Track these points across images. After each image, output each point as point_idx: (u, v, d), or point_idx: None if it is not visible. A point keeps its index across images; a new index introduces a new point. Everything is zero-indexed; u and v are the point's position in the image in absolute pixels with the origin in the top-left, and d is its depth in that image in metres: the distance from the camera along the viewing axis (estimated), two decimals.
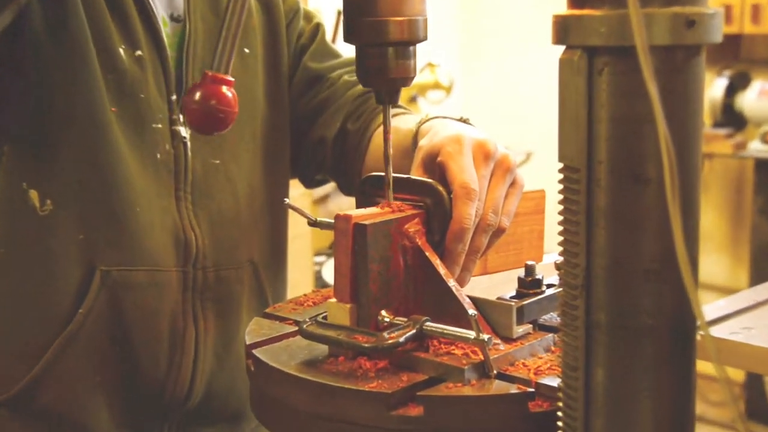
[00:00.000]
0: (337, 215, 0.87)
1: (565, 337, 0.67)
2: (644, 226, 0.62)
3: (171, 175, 1.16)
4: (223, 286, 1.21)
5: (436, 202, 0.91)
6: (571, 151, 0.64)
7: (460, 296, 0.86)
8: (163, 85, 1.16)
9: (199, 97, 0.85)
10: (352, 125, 1.30)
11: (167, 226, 1.16)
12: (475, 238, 0.93)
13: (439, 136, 0.97)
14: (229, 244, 1.21)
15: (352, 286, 0.86)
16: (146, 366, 1.16)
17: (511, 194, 0.96)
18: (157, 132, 1.15)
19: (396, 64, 0.88)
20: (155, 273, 1.15)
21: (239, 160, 1.23)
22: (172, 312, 1.17)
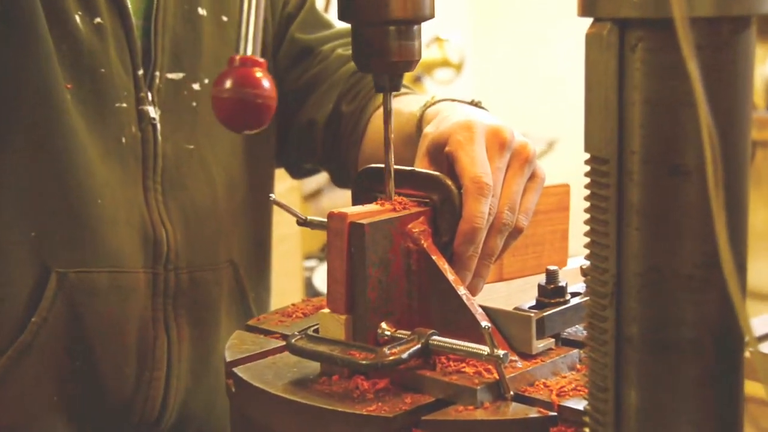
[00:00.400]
0: (331, 213, 0.86)
1: (593, 353, 0.67)
2: (684, 225, 0.62)
3: (138, 162, 1.16)
4: (198, 290, 1.21)
5: (444, 198, 0.90)
6: (599, 139, 0.64)
7: (471, 306, 0.85)
8: (127, 58, 1.15)
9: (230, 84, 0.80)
10: (347, 106, 1.29)
11: (133, 221, 1.16)
12: (489, 239, 0.93)
13: (447, 122, 0.97)
14: (206, 241, 1.22)
15: (348, 294, 0.85)
16: (111, 383, 1.15)
17: (530, 189, 0.96)
18: (121, 112, 1.15)
19: (398, 46, 0.87)
20: (120, 275, 1.14)
21: (216, 145, 1.23)
22: (140, 320, 1.17)
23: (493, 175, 0.91)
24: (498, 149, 0.93)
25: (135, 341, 1.16)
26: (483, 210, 0.89)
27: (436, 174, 0.91)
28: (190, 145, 1.20)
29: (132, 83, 1.15)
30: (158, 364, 1.17)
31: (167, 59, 1.18)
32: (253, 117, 0.81)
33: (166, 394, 1.18)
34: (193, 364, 1.21)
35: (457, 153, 0.92)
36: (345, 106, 1.29)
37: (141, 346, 1.16)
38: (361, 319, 0.85)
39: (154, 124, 1.16)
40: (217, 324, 1.24)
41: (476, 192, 0.89)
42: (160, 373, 1.18)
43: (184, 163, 1.19)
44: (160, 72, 1.18)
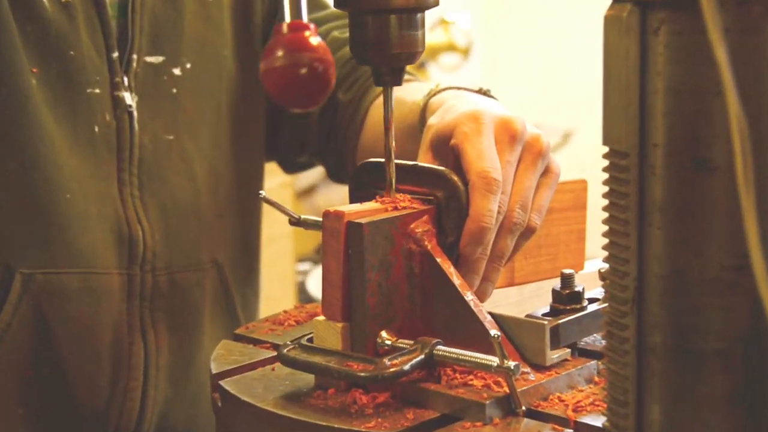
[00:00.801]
0: (326, 212, 0.87)
1: (612, 364, 0.68)
2: (710, 224, 0.62)
3: (112, 154, 1.16)
4: (179, 293, 1.22)
5: (450, 195, 0.91)
6: (618, 131, 0.65)
7: (479, 313, 0.86)
8: (100, 39, 1.16)
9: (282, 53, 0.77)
10: (344, 94, 1.30)
11: (107, 218, 1.16)
12: (499, 240, 0.93)
13: (452, 113, 0.97)
14: (187, 240, 1.22)
15: (345, 300, 0.86)
16: (82, 394, 1.16)
17: (544, 185, 0.97)
18: (93, 99, 1.15)
19: (400, 36, 0.87)
20: (91, 276, 1.15)
21: (199, 136, 1.24)
22: (114, 325, 1.17)
23: (502, 170, 0.92)
24: (508, 142, 0.94)
25: (108, 348, 1.16)
26: (492, 208, 0.90)
27: (441, 169, 0.92)
28: (170, 136, 1.21)
29: (106, 67, 1.15)
30: (134, 372, 1.18)
31: (145, 41, 1.19)
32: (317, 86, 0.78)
33: (143, 406, 1.19)
34: (172, 373, 1.22)
35: (464, 146, 0.92)
36: (342, 94, 1.30)
37: (115, 354, 1.17)
38: (359, 327, 0.86)
39: (131, 112, 1.17)
40: (200, 330, 1.25)
41: (484, 188, 0.90)
42: (137, 382, 1.18)
43: (163, 155, 1.20)
44: (137, 55, 1.18)
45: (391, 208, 0.89)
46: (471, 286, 0.91)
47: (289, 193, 3.20)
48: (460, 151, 0.93)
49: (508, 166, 0.94)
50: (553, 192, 0.98)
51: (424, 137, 0.99)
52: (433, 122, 0.99)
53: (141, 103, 1.18)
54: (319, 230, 0.90)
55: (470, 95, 1.06)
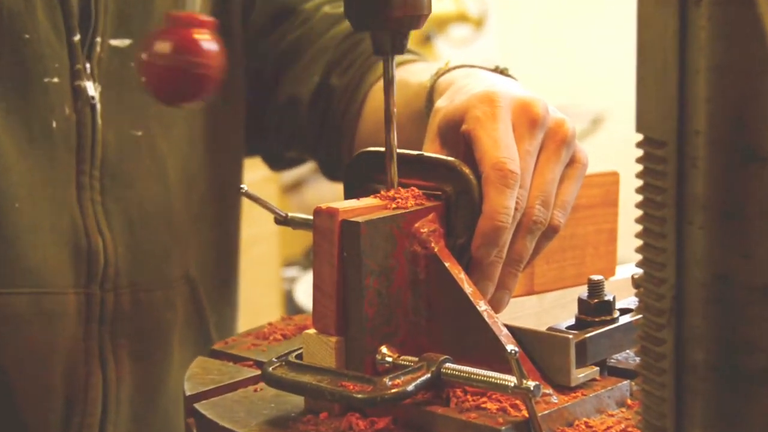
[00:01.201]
0: (318, 209, 0.87)
1: (647, 385, 0.68)
2: (760, 223, 0.62)
3: (71, 153, 1.16)
4: (144, 315, 1.21)
5: (460, 189, 0.91)
6: (654, 117, 0.65)
7: (494, 326, 0.86)
8: (60, 20, 1.15)
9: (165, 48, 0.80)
10: (338, 79, 1.30)
11: (61, 229, 1.16)
12: (516, 241, 0.93)
13: (463, 94, 0.97)
14: (155, 253, 1.22)
15: (339, 310, 0.86)
16: (32, 430, 1.16)
17: (569, 178, 0.97)
18: (51, 89, 1.14)
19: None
20: (43, 297, 1.14)
21: (172, 131, 1.24)
22: (69, 353, 1.17)
23: (521, 161, 0.92)
24: (528, 127, 0.94)
25: (62, 379, 1.16)
26: (508, 204, 0.90)
27: (450, 160, 0.92)
28: (138, 132, 1.20)
29: (66, 52, 1.15)
30: (91, 408, 1.17)
31: (110, 21, 1.18)
32: (192, 90, 0.82)
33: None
34: (135, 408, 1.21)
35: (476, 132, 0.92)
36: (336, 78, 1.30)
37: (70, 386, 1.17)
38: (355, 341, 0.86)
39: (93, 104, 1.16)
40: (168, 357, 1.25)
41: (500, 181, 0.90)
42: (93, 419, 1.18)
43: (130, 154, 1.20)
44: (101, 38, 1.17)
45: (393, 205, 0.89)
46: (484, 294, 0.91)
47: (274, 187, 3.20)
48: (472, 138, 0.93)
49: (528, 156, 0.94)
50: (580, 186, 0.98)
51: (431, 123, 0.99)
52: (441, 105, 0.99)
53: (105, 94, 1.17)
54: (309, 230, 0.90)
55: (484, 74, 1.06)
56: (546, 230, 0.95)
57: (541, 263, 1.04)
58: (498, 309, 0.94)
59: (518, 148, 0.92)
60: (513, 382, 0.80)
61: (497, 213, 0.89)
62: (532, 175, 0.94)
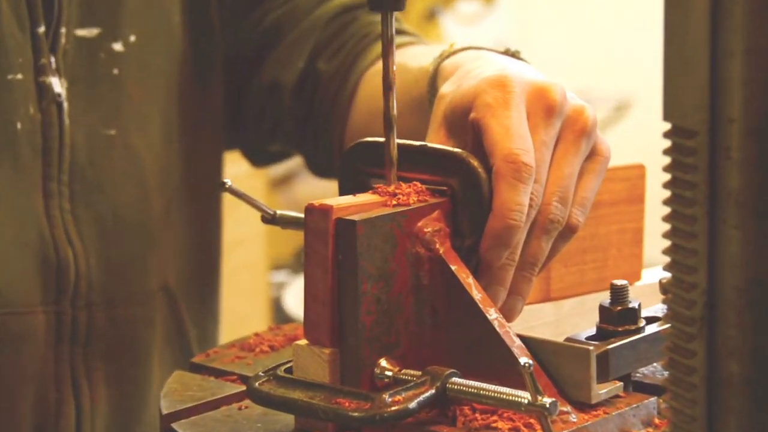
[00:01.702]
0: (309, 206, 0.87)
1: (676, 402, 0.68)
2: None
3: (37, 157, 1.16)
4: (121, 333, 1.22)
5: (468, 184, 0.91)
6: (683, 103, 0.65)
7: (506, 336, 0.86)
8: (24, 9, 1.15)
9: None
10: (326, 64, 1.30)
11: (28, 240, 1.16)
12: (531, 242, 0.94)
13: (471, 79, 0.97)
14: (132, 263, 1.22)
15: (333, 319, 0.86)
16: None
17: (589, 171, 0.97)
18: (15, 87, 1.14)
19: None
20: (8, 317, 1.15)
21: (148, 128, 1.24)
22: (38, 378, 1.17)
23: (536, 152, 0.92)
24: (543, 115, 0.94)
25: (31, 408, 1.16)
26: (521, 200, 0.90)
27: (457, 151, 0.92)
28: (111, 130, 1.21)
29: (29, 46, 1.15)
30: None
31: (76, 10, 1.18)
32: None
33: None
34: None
35: (486, 121, 0.93)
36: (323, 62, 1.30)
37: (40, 415, 1.17)
38: (352, 353, 0.86)
39: (60, 102, 1.16)
40: (147, 379, 1.25)
41: (512, 175, 0.90)
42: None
43: (103, 156, 1.20)
44: (66, 28, 1.17)
45: (393, 202, 0.90)
46: (495, 301, 0.91)
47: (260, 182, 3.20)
48: (481, 127, 0.93)
49: (543, 147, 0.94)
50: (601, 180, 0.98)
51: (435, 110, 0.99)
52: (447, 91, 0.99)
53: (73, 91, 1.18)
54: (299, 229, 0.91)
55: (494, 56, 1.06)
56: (563, 230, 0.95)
57: (559, 266, 1.05)
58: (510, 317, 0.94)
59: (533, 139, 0.92)
60: (527, 399, 0.80)
61: (509, 210, 0.89)
62: (548, 168, 0.94)
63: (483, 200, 0.91)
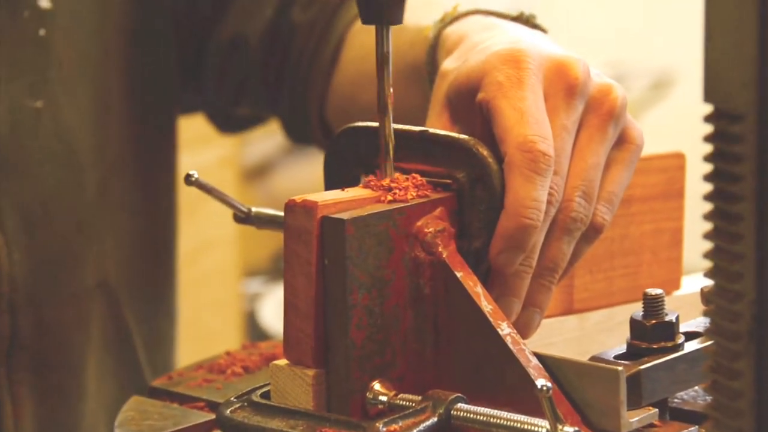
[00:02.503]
0: (290, 203, 0.88)
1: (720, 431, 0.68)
2: None
3: None
4: (50, 339, 1.22)
5: (476, 177, 0.92)
6: (728, 83, 0.65)
7: (520, 354, 0.87)
8: None
9: None
10: (302, 13, 1.31)
11: None
12: (550, 244, 0.94)
13: (479, 53, 0.98)
14: (63, 257, 1.23)
15: (319, 335, 0.87)
16: None
17: (618, 162, 0.98)
18: None
19: None
20: None
21: (81, 99, 1.24)
22: None
23: (555, 139, 0.92)
24: (564, 96, 0.95)
25: None
26: (538, 196, 0.90)
27: (463, 138, 0.93)
28: (37, 102, 1.21)
29: None
30: None
31: None
32: None
33: None
34: None
35: (498, 103, 0.93)
36: (298, 12, 1.31)
37: None
38: (339, 375, 0.87)
39: None
40: (81, 392, 1.25)
41: (527, 166, 0.90)
42: None
43: (28, 133, 1.20)
44: None
45: (389, 197, 0.90)
46: (508, 313, 0.92)
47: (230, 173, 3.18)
48: (491, 110, 0.94)
49: (564, 133, 0.94)
50: (632, 172, 0.99)
51: (437, 90, 1.00)
52: (451, 67, 1.00)
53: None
54: (278, 230, 0.91)
55: (505, 24, 1.07)
56: (587, 230, 0.95)
57: (583, 273, 1.05)
58: (526, 333, 0.94)
59: (552, 123, 0.93)
60: (545, 428, 0.81)
61: (524, 207, 0.90)
62: (569, 158, 0.94)
63: (494, 195, 0.91)
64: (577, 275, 1.04)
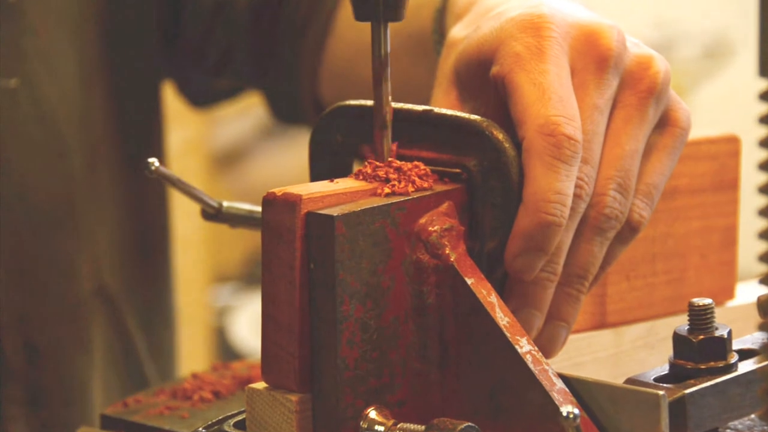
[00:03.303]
0: (269, 196, 0.88)
1: None
2: None
3: None
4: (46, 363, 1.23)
5: (490, 165, 0.92)
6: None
7: (542, 376, 0.87)
8: None
9: None
10: None
11: None
12: (579, 246, 0.95)
13: (493, 20, 0.98)
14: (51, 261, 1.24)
15: (303, 353, 0.88)
16: None
17: (660, 148, 0.98)
18: None
19: None
20: None
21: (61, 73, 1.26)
22: None
23: (584, 121, 0.93)
24: (595, 69, 0.95)
25: None
26: (563, 188, 0.91)
27: (475, 119, 0.93)
28: (12, 80, 1.23)
29: None
30: None
31: None
32: None
33: None
34: None
35: (515, 77, 0.94)
36: None
37: None
38: (328, 400, 0.87)
39: None
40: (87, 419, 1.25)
41: (550, 153, 0.91)
42: None
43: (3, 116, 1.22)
44: None
45: (386, 190, 0.91)
46: (529, 327, 0.93)
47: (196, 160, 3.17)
48: (508, 86, 0.94)
49: (596, 114, 0.95)
50: (677, 160, 1.00)
51: (444, 62, 1.01)
52: (460, 36, 1.00)
53: None
54: (255, 228, 0.92)
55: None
56: (623, 229, 0.96)
57: (618, 280, 1.05)
58: (550, 351, 0.95)
59: (580, 102, 0.94)
60: None
61: (546, 201, 0.90)
62: (602, 143, 0.95)
63: (510, 187, 0.92)
64: (611, 282, 1.04)
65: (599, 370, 0.93)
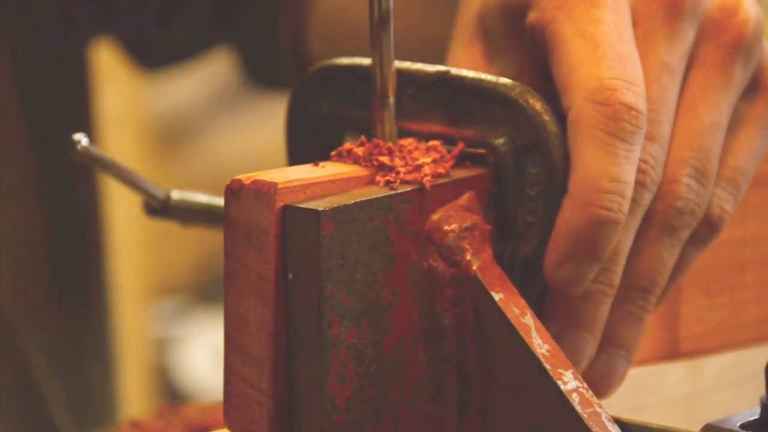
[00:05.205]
0: (235, 184, 0.89)
1: None
2: None
3: None
4: None
5: (524, 144, 0.94)
6: None
7: (593, 420, 0.88)
8: None
9: None
10: None
11: None
12: (643, 249, 0.97)
13: None
14: None
15: (278, 392, 0.89)
16: None
17: (749, 120, 1.00)
18: None
19: None
20: None
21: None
22: None
23: (650, 86, 0.95)
24: (664, 17, 0.97)
25: None
26: (620, 173, 0.92)
27: (505, 83, 0.95)
28: None
29: None
30: None
31: None
32: None
33: None
34: None
35: (558, 27, 0.95)
36: None
37: None
38: None
39: None
40: None
41: (604, 127, 0.92)
42: None
43: None
44: None
45: (387, 178, 0.93)
46: (576, 357, 0.95)
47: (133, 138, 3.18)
48: (549, 39, 0.96)
49: (665, 76, 0.97)
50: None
51: (465, 8, 1.03)
52: None
53: None
54: (213, 226, 0.94)
55: None
56: (700, 227, 0.98)
57: (695, 295, 1.07)
58: (605, 388, 0.97)
59: (644, 60, 0.95)
60: None
61: (599, 192, 0.92)
62: (673, 115, 0.97)
63: (552, 173, 0.94)
64: (685, 298, 1.06)
65: (670, 413, 0.95)
